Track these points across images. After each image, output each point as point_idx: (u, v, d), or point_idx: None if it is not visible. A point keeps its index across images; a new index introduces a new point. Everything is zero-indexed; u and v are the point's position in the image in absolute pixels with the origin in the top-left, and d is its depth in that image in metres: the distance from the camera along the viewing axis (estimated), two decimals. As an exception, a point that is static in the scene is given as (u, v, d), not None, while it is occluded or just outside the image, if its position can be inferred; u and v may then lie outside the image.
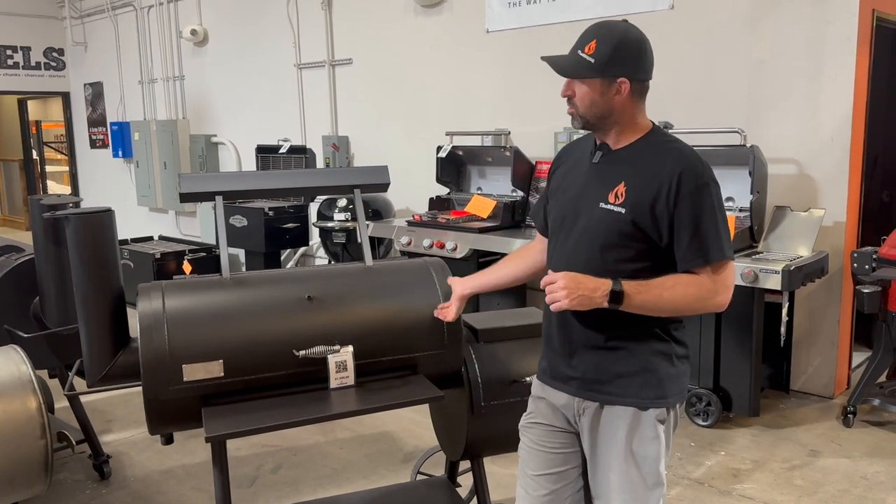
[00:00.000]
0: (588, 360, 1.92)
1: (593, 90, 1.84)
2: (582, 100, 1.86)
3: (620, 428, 1.89)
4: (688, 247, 1.79)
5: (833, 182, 4.32)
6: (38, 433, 2.45)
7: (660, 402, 1.88)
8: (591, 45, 1.83)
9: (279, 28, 7.29)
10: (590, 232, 1.88)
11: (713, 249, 1.78)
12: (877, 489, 3.41)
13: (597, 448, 1.93)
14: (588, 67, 1.83)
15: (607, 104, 1.85)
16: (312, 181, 2.87)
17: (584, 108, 1.87)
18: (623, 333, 1.87)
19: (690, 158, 1.83)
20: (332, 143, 6.80)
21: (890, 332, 3.94)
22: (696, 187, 1.78)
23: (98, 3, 9.43)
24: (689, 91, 4.72)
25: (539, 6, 5.38)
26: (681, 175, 1.78)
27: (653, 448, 1.89)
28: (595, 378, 1.91)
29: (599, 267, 1.84)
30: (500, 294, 5.16)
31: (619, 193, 1.84)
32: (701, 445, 3.87)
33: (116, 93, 9.57)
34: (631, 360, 1.88)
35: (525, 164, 5.21)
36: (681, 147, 1.87)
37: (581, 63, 1.84)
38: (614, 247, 1.85)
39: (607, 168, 1.90)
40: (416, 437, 4.01)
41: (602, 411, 1.91)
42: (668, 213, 1.79)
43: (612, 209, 1.84)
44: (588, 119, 1.88)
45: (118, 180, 9.65)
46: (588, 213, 1.89)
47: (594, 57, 1.82)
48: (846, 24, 4.18)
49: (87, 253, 2.36)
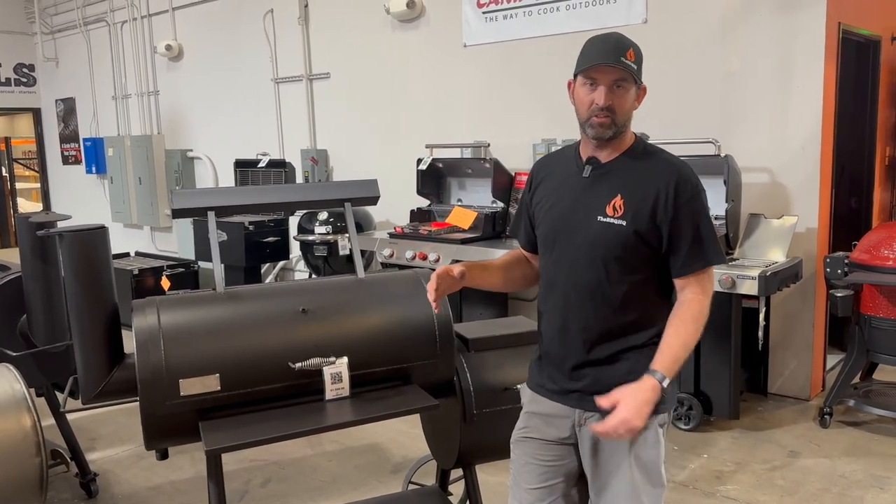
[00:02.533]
0: (590, 374, 1.94)
1: (630, 96, 1.89)
2: (622, 107, 1.87)
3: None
4: (688, 252, 1.86)
5: (805, 190, 4.45)
6: (32, 451, 2.44)
7: (661, 408, 1.90)
8: (631, 54, 1.86)
9: (255, 43, 7.31)
10: (589, 246, 1.91)
11: (712, 253, 1.88)
12: (855, 487, 3.51)
13: (599, 458, 1.95)
14: (634, 72, 1.87)
15: (632, 111, 1.92)
16: (303, 195, 2.91)
17: (623, 115, 1.89)
18: (623, 347, 1.91)
19: (682, 168, 1.91)
20: (311, 157, 6.82)
21: (863, 335, 4.06)
22: (691, 195, 1.87)
23: (70, 19, 9.36)
24: (664, 103, 4.81)
25: (516, 20, 5.47)
26: (677, 184, 1.86)
27: (655, 452, 1.93)
28: (593, 391, 1.91)
29: (603, 279, 1.89)
30: (482, 304, 5.22)
31: (618, 206, 1.88)
32: (684, 449, 3.95)
33: (89, 108, 9.50)
34: (633, 370, 1.89)
35: (505, 176, 5.29)
36: (668, 157, 1.94)
37: (629, 68, 1.86)
38: (617, 259, 1.88)
39: (599, 181, 1.93)
40: (405, 447, 4.03)
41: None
42: (668, 222, 1.85)
43: (613, 222, 1.88)
44: (620, 128, 1.90)
45: (92, 196, 9.56)
46: (585, 227, 1.91)
47: (635, 63, 1.87)
48: (814, 37, 4.32)
49: (81, 270, 2.37)
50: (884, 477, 3.59)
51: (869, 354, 4.10)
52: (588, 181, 1.95)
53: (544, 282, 2.04)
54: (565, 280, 1.94)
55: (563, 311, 1.96)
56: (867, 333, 4.05)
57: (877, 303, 3.98)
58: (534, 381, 2.09)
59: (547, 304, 2.03)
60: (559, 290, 1.98)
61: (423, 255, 5.03)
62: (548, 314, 2.02)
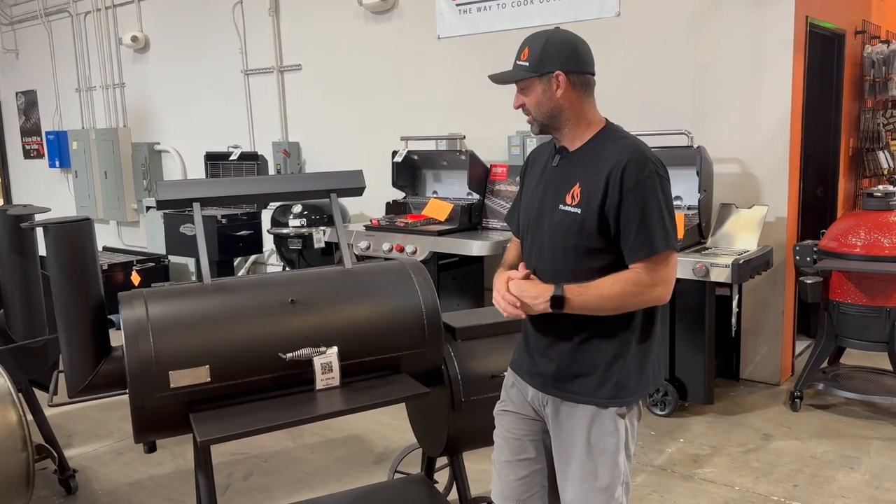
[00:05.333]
0: (554, 359, 1.99)
1: (536, 91, 1.95)
2: (530, 103, 1.97)
3: (581, 422, 1.96)
4: (634, 239, 1.84)
5: (774, 180, 4.56)
6: (19, 446, 2.41)
7: (619, 400, 1.94)
8: (525, 53, 1.96)
9: (225, 34, 7.22)
10: (552, 234, 1.96)
11: (657, 241, 1.83)
12: (826, 467, 3.62)
13: (560, 440, 2.01)
14: (524, 70, 1.95)
15: (552, 101, 1.93)
16: (287, 186, 2.89)
17: (535, 110, 1.97)
18: (589, 335, 1.93)
19: (636, 151, 1.87)
20: (283, 150, 6.77)
21: (832, 320, 4.18)
22: (639, 179, 1.82)
23: (30, 9, 9.14)
24: (637, 95, 4.89)
25: (489, 13, 5.50)
26: (625, 168, 1.83)
27: (611, 441, 1.95)
28: (557, 376, 1.98)
29: (565, 267, 1.92)
30: (458, 295, 5.25)
31: (575, 194, 1.91)
32: (660, 434, 4.03)
33: (52, 101, 9.29)
34: (584, 362, 1.94)
35: (481, 168, 5.32)
36: (629, 141, 1.91)
37: (518, 69, 1.96)
38: (575, 247, 1.91)
39: (565, 170, 1.98)
40: (386, 438, 4.05)
41: (564, 406, 1.98)
42: (614, 207, 1.84)
43: (570, 210, 1.91)
44: (541, 121, 1.97)
45: (55, 191, 9.36)
46: (549, 215, 1.97)
47: (528, 61, 1.94)
48: (783, 30, 4.42)
49: (67, 262, 2.34)
50: (854, 457, 3.71)
51: (837, 339, 4.22)
52: (557, 170, 2.00)
53: (526, 268, 2.08)
54: (536, 267, 1.99)
55: None
56: (835, 319, 4.16)
57: (845, 289, 4.09)
58: (513, 359, 2.18)
59: None
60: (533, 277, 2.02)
61: (399, 247, 5.03)
62: None
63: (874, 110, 5.82)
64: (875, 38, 5.71)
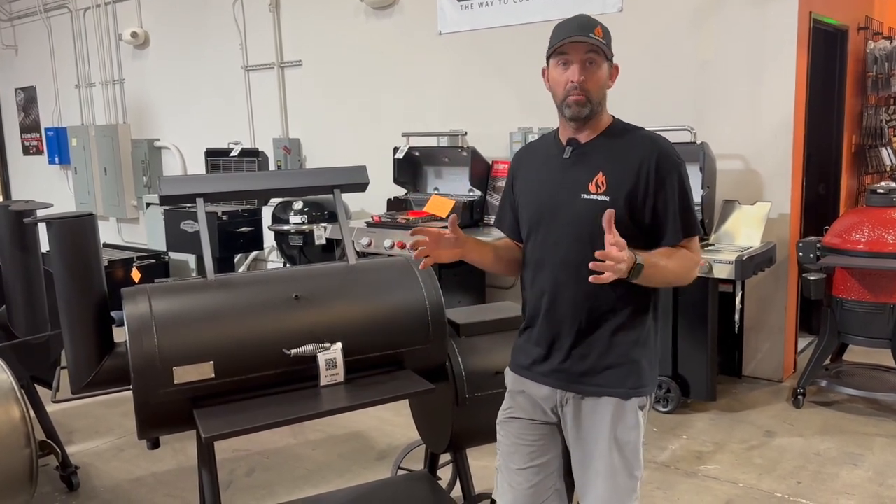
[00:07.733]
0: (577, 353, 1.97)
1: (603, 71, 1.92)
2: (596, 83, 1.91)
3: (605, 417, 1.95)
4: (674, 224, 1.90)
5: (777, 176, 4.55)
6: (22, 442, 2.40)
7: (640, 390, 1.96)
8: (598, 30, 1.89)
9: (225, 30, 7.20)
10: (574, 224, 1.94)
11: (695, 224, 1.94)
12: (829, 464, 3.61)
13: (581, 437, 1.99)
14: (605, 46, 1.90)
15: (605, 88, 1.94)
16: (292, 182, 2.89)
17: (597, 92, 1.92)
18: (611, 325, 1.94)
19: (662, 142, 1.94)
20: (283, 146, 6.75)
21: (835, 317, 4.17)
22: (673, 168, 1.90)
23: (30, 5, 9.11)
24: (639, 91, 4.87)
25: (491, 8, 5.48)
26: (658, 158, 1.89)
27: (634, 435, 1.96)
28: (579, 371, 1.96)
29: (589, 256, 1.87)
30: (461, 292, 5.24)
31: (600, 182, 1.91)
32: (663, 430, 4.02)
33: (51, 97, 9.26)
34: (614, 352, 1.94)
35: (482, 164, 5.31)
36: (647, 133, 1.97)
37: (602, 44, 1.89)
38: (601, 235, 1.87)
39: (581, 161, 1.96)
40: (388, 435, 4.04)
41: (586, 402, 1.97)
42: (652, 195, 1.89)
43: (596, 198, 1.91)
44: (594, 106, 1.92)
45: (55, 187, 9.33)
46: (569, 205, 1.94)
47: (604, 40, 1.89)
48: (786, 26, 4.40)
49: (70, 258, 2.33)
50: (857, 454, 3.71)
51: (840, 336, 4.21)
52: (570, 162, 1.98)
53: (531, 264, 2.05)
54: (552, 260, 1.96)
55: (552, 292, 1.98)
56: (839, 315, 4.16)
57: (848, 285, 4.09)
58: (517, 363, 2.12)
59: (534, 286, 2.04)
60: (546, 271, 2.00)
61: (401, 244, 5.01)
62: (535, 296, 2.04)
63: (877, 107, 5.81)
64: (878, 34, 5.71)
